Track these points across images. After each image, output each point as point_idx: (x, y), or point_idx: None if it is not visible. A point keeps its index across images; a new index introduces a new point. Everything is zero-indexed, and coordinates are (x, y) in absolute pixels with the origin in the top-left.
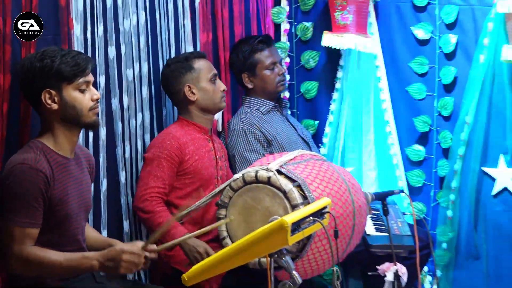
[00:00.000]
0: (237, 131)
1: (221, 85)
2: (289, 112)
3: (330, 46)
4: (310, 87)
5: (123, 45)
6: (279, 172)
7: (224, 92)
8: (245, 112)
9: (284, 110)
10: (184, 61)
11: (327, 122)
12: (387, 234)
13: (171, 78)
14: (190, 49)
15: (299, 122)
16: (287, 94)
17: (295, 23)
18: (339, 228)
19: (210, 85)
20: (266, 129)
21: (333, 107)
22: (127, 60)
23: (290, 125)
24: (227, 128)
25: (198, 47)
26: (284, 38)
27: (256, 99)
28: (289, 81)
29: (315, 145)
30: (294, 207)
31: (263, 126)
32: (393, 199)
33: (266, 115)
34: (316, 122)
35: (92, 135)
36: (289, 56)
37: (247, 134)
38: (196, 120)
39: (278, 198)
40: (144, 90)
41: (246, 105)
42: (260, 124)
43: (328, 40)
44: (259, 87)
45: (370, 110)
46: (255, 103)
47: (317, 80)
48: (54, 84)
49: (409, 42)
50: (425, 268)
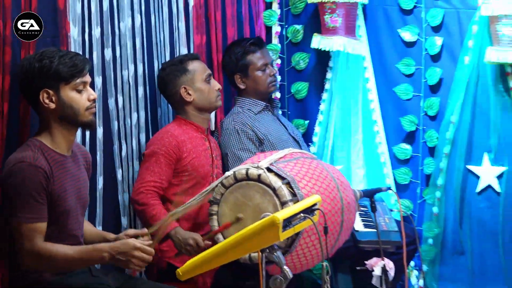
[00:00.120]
0: (230, 130)
1: (216, 84)
2: (280, 112)
3: (319, 48)
4: (300, 88)
5: (118, 47)
6: (269, 170)
7: (219, 91)
8: (237, 112)
9: (275, 110)
10: (178, 64)
11: (317, 121)
12: (375, 230)
13: (167, 81)
14: (184, 50)
15: (289, 121)
16: (278, 94)
17: (286, 26)
18: (327, 224)
19: (205, 85)
20: (258, 129)
21: (322, 107)
22: (123, 62)
23: (281, 124)
24: (220, 127)
25: (192, 49)
26: (275, 40)
27: (248, 100)
28: (280, 82)
29: (305, 144)
30: (283, 204)
31: (255, 126)
32: (381, 196)
33: (258, 115)
34: (306, 122)
35: (89, 134)
36: (280, 57)
37: (240, 133)
38: (193, 120)
39: (268, 195)
40: (140, 91)
41: (238, 105)
42: (252, 123)
43: (318, 42)
44: (251, 88)
45: (359, 110)
46: (247, 103)
47: (307, 81)
48: (52, 84)
49: (396, 44)
50: (412, 263)
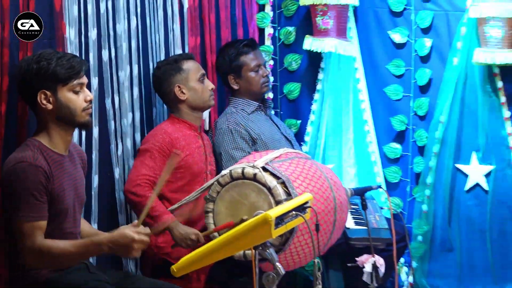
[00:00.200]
0: (223, 130)
1: (209, 84)
2: (272, 112)
3: (311, 49)
4: (292, 88)
5: (114, 49)
6: (264, 169)
7: (212, 91)
8: (231, 112)
9: (268, 110)
10: (173, 63)
11: (308, 121)
12: (365, 227)
13: (162, 80)
14: (179, 52)
15: (282, 121)
16: (271, 95)
17: (279, 28)
18: (320, 223)
19: (199, 85)
20: (251, 128)
21: (314, 107)
22: (119, 63)
23: (273, 124)
24: (214, 127)
25: (187, 50)
26: (268, 41)
27: (241, 100)
28: (273, 83)
29: (297, 143)
30: (278, 203)
31: (248, 125)
32: (371, 194)
33: (251, 114)
34: (299, 122)
35: (84, 134)
36: (273, 59)
37: (233, 133)
38: (186, 118)
39: (263, 194)
40: (135, 91)
41: (232, 105)
42: (246, 123)
43: (309, 43)
44: (244, 88)
45: (350, 110)
46: (240, 104)
47: (299, 81)
48: (49, 85)
49: (387, 46)
50: (402, 260)
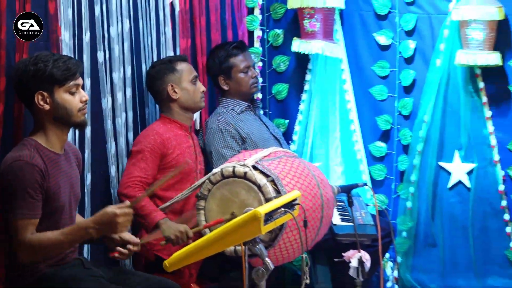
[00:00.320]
0: (214, 129)
1: (201, 87)
2: (261, 112)
3: (299, 51)
4: (281, 89)
5: (108, 51)
6: (254, 167)
7: (203, 93)
8: (221, 112)
9: (257, 110)
10: (168, 63)
11: (296, 121)
12: (352, 223)
13: (155, 78)
14: (171, 54)
15: (271, 121)
16: (259, 95)
17: (267, 30)
18: (308, 220)
19: (191, 86)
20: (241, 128)
21: (302, 107)
22: (112, 64)
23: (262, 123)
24: (205, 126)
25: (178, 52)
26: (257, 44)
27: (231, 100)
28: (262, 84)
29: (285, 142)
30: (268, 201)
31: (238, 125)
32: (357, 191)
33: (241, 114)
34: (287, 121)
35: (78, 133)
36: (261, 60)
37: (223, 132)
38: (177, 118)
39: (253, 192)
40: (128, 92)
41: (222, 106)
42: (235, 123)
43: (297, 46)
44: (234, 89)
45: (336, 110)
46: (230, 104)
47: (287, 82)
48: (46, 86)
49: (372, 48)
50: (387, 255)
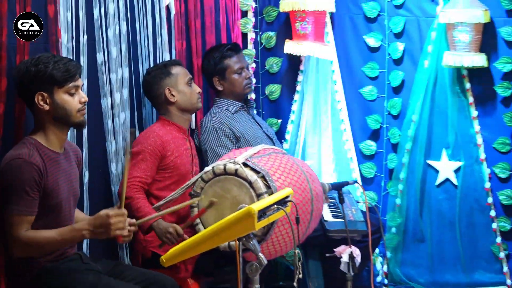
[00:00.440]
0: (209, 128)
1: (196, 88)
2: (255, 111)
3: (291, 53)
4: (273, 90)
5: (106, 52)
6: (245, 164)
7: (199, 94)
8: (216, 111)
9: (251, 110)
10: (163, 68)
11: (289, 120)
12: (342, 220)
13: (152, 83)
14: (167, 55)
15: (264, 120)
16: (253, 95)
17: (260, 33)
18: (299, 214)
19: (187, 88)
20: (235, 127)
21: (294, 107)
22: (110, 66)
23: (256, 123)
24: (200, 126)
25: (174, 54)
26: (250, 46)
27: (225, 100)
28: (255, 84)
29: (278, 141)
30: (259, 196)
31: (232, 124)
32: (348, 188)
33: (235, 114)
34: (279, 121)
35: (75, 133)
36: (255, 62)
37: (218, 131)
38: (175, 120)
39: (244, 188)
40: (126, 92)
41: (217, 106)
42: (230, 122)
43: (289, 47)
44: (228, 90)
45: (328, 109)
46: (224, 104)
47: (280, 83)
48: (46, 87)
49: (362, 49)
50: (377, 250)
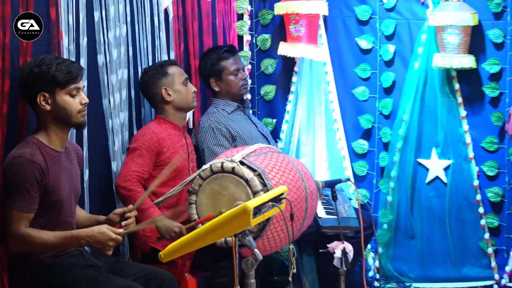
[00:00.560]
0: (206, 128)
1: (192, 87)
2: (251, 111)
3: (285, 54)
4: (269, 90)
5: (106, 54)
6: (242, 163)
7: (195, 93)
8: (212, 111)
9: (247, 110)
10: (159, 68)
11: (283, 120)
12: (336, 216)
13: (149, 83)
14: (165, 57)
15: (259, 120)
16: (249, 96)
17: (256, 35)
18: (293, 211)
19: (183, 87)
20: (231, 126)
21: (289, 107)
22: (110, 67)
23: (251, 122)
24: (197, 125)
25: (172, 56)
26: (246, 48)
27: (222, 101)
28: (251, 85)
29: (273, 140)
30: (255, 193)
31: (228, 124)
32: (341, 186)
33: (231, 114)
34: (274, 120)
35: (75, 132)
36: (250, 63)
37: (215, 131)
38: (171, 119)
39: (241, 186)
40: (125, 93)
41: (213, 106)
42: (226, 122)
43: (283, 49)
44: (224, 90)
45: (321, 109)
46: (221, 104)
47: (275, 84)
48: (48, 88)
49: (354, 51)
50: (369, 246)
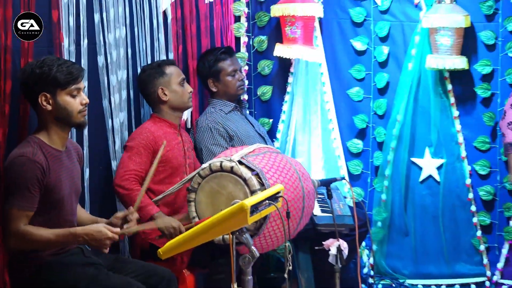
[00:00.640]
0: (203, 128)
1: (188, 88)
2: (247, 111)
3: (281, 56)
4: (265, 91)
5: (107, 55)
6: (240, 162)
7: (191, 94)
8: (210, 112)
9: (244, 110)
10: (157, 67)
11: (280, 120)
12: (331, 214)
13: (146, 82)
14: (164, 58)
15: (256, 120)
16: (246, 96)
17: (253, 37)
18: (290, 210)
19: (180, 88)
20: (228, 126)
21: (285, 107)
22: (111, 68)
23: (248, 122)
24: (195, 125)
25: (171, 57)
26: (243, 49)
27: (219, 101)
28: (248, 86)
29: (270, 140)
30: (253, 193)
31: (226, 124)
32: (336, 185)
33: (228, 114)
34: (271, 120)
35: (75, 132)
36: (247, 64)
37: (212, 131)
38: (167, 117)
39: (239, 185)
40: (125, 94)
41: (211, 106)
42: (223, 122)
43: (280, 51)
44: (222, 91)
45: (317, 110)
46: (219, 104)
47: (271, 84)
48: (50, 89)
49: (349, 53)
50: (363, 243)
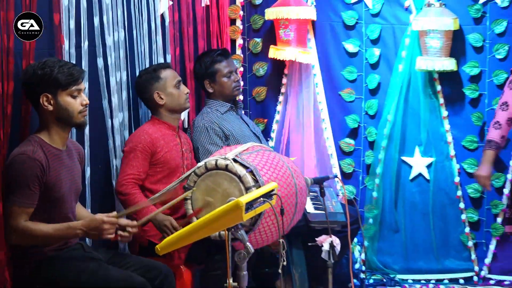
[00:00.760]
0: (200, 127)
1: (184, 89)
2: (243, 112)
3: (276, 58)
4: (260, 92)
5: (106, 57)
6: (235, 160)
7: (187, 95)
8: (206, 112)
9: (239, 110)
10: (152, 72)
11: (274, 120)
12: (323, 212)
13: (143, 87)
14: (161, 60)
15: (251, 120)
16: (241, 97)
17: (248, 39)
18: (284, 206)
19: (176, 90)
20: (224, 126)
21: (279, 107)
22: (110, 70)
23: (244, 122)
24: (192, 125)
25: (168, 59)
26: (238, 51)
27: (216, 101)
28: (243, 87)
29: (264, 139)
30: (247, 189)
31: (222, 124)
32: (329, 183)
33: (224, 114)
34: (265, 120)
35: (76, 132)
36: (243, 66)
37: (209, 130)
38: (165, 119)
39: (234, 182)
40: (124, 94)
41: (207, 106)
42: (219, 121)
43: (274, 53)
44: (218, 92)
45: (310, 110)
46: (215, 105)
47: (265, 85)
48: (51, 89)
49: (341, 55)
50: (355, 240)
